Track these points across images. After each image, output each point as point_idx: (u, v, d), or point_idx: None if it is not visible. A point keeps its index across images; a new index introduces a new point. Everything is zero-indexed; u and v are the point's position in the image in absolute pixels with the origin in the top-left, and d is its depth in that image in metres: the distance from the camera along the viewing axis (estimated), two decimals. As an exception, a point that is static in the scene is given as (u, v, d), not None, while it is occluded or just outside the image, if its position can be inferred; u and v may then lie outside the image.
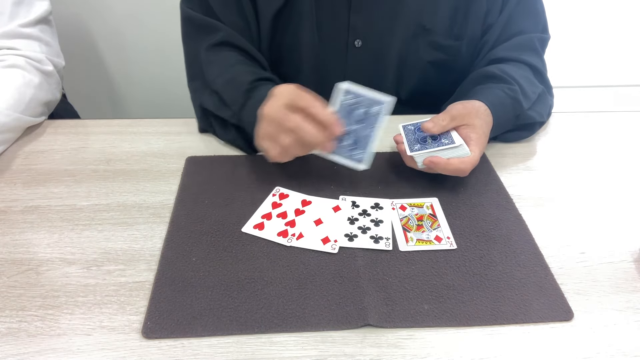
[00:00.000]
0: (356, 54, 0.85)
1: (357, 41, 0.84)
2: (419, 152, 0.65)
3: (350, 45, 0.84)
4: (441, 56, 0.85)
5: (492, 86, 0.75)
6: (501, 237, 0.60)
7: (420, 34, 0.83)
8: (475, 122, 0.67)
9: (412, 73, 0.87)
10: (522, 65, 0.79)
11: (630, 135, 0.81)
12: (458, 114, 0.66)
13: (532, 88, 0.77)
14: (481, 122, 0.67)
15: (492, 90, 0.74)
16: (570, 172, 0.72)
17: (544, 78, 0.82)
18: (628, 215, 0.65)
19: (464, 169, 0.64)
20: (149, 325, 0.49)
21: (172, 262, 0.56)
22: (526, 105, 0.74)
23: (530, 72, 0.79)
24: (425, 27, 0.82)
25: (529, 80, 0.78)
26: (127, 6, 1.36)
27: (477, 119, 0.67)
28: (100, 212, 0.63)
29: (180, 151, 0.75)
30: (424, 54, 0.84)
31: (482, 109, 0.69)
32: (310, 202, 0.64)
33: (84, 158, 0.73)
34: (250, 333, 0.49)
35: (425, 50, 0.84)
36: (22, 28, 0.81)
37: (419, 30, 0.82)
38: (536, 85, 0.79)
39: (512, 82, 0.74)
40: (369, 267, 0.56)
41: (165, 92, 1.43)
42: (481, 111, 0.68)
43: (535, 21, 0.84)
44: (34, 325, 0.49)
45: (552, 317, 0.51)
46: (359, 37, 0.83)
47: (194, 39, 0.82)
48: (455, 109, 0.67)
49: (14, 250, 0.58)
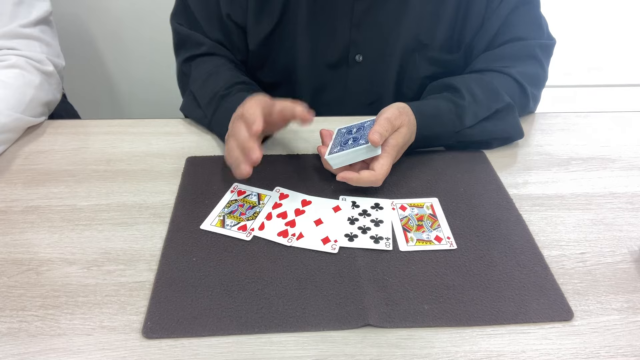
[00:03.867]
0: (357, 69, 0.85)
1: (358, 56, 0.84)
2: (333, 154, 0.64)
3: (351, 61, 0.84)
4: (438, 70, 0.85)
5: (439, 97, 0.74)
6: (501, 237, 0.60)
7: (417, 49, 0.83)
8: (403, 130, 0.66)
9: (410, 87, 0.87)
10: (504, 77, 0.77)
11: (630, 135, 0.81)
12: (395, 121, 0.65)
13: (491, 103, 0.73)
14: (406, 130, 0.66)
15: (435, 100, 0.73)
16: (570, 172, 0.72)
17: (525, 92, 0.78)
18: (628, 215, 0.65)
19: (375, 181, 0.63)
20: (149, 325, 0.49)
21: (172, 262, 0.56)
22: (469, 123, 0.72)
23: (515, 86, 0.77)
24: (422, 42, 0.82)
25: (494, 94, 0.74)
26: (127, 6, 1.36)
27: (406, 127, 0.66)
28: (100, 212, 0.63)
29: (180, 151, 0.75)
30: (421, 69, 0.85)
31: (411, 116, 0.68)
32: (310, 202, 0.64)
33: (84, 158, 0.73)
34: (250, 333, 0.49)
35: (422, 65, 0.84)
36: (22, 28, 0.81)
37: (416, 45, 0.83)
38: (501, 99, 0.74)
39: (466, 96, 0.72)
40: (369, 267, 0.56)
41: (165, 92, 1.43)
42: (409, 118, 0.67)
43: (537, 27, 0.81)
44: (34, 325, 0.49)
45: (552, 317, 0.51)
46: (360, 52, 0.83)
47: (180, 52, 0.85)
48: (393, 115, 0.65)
49: (14, 250, 0.58)
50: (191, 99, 0.81)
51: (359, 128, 0.67)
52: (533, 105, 0.82)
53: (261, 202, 0.64)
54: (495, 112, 0.73)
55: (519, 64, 0.78)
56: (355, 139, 0.65)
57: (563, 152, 0.77)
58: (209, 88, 0.77)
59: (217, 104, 0.75)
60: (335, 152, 0.64)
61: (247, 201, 0.64)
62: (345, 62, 0.85)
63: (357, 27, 0.81)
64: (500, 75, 0.77)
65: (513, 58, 0.79)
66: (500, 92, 0.74)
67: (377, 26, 0.81)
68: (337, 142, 0.67)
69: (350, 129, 0.68)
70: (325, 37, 0.82)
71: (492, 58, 0.80)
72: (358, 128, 0.67)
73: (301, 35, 0.82)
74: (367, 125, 0.67)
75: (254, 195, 0.65)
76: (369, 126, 0.65)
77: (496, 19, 0.80)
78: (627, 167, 0.74)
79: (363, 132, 0.65)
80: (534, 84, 0.80)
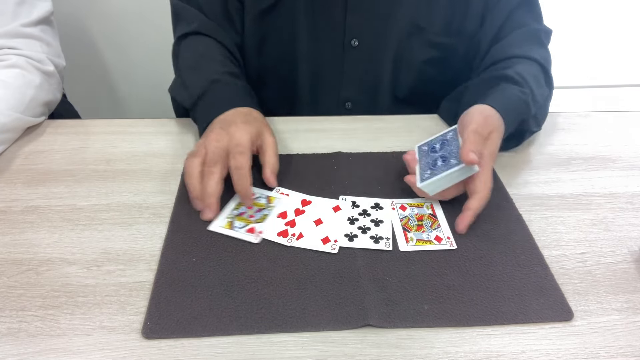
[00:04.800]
0: (353, 53, 0.85)
1: (353, 41, 0.84)
2: (426, 181, 0.60)
3: (347, 45, 0.84)
4: (436, 54, 0.84)
5: (505, 87, 0.71)
6: (501, 237, 0.60)
7: (414, 33, 0.83)
8: (493, 136, 0.62)
9: (408, 72, 0.87)
10: (532, 64, 0.76)
11: (630, 135, 0.81)
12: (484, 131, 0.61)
13: (541, 91, 0.74)
14: (497, 135, 0.63)
15: (505, 92, 0.69)
16: (570, 172, 0.72)
17: (550, 78, 0.78)
18: (628, 215, 0.65)
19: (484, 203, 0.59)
20: (149, 326, 0.49)
21: (172, 262, 0.56)
22: (534, 110, 0.71)
23: (540, 71, 0.76)
24: (419, 26, 0.82)
25: (538, 82, 0.74)
26: (127, 6, 1.36)
27: (496, 132, 0.63)
28: (100, 212, 0.63)
29: (180, 151, 0.75)
30: (419, 53, 0.84)
31: (496, 118, 0.65)
32: (310, 202, 0.64)
33: (84, 158, 0.73)
34: (250, 333, 0.49)
35: (420, 49, 0.84)
36: (23, 28, 0.81)
37: (413, 29, 0.82)
38: (544, 88, 0.75)
39: (525, 84, 0.71)
40: (369, 267, 0.55)
41: (165, 92, 1.43)
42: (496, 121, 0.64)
43: (536, 15, 0.82)
44: (34, 325, 0.49)
45: (552, 317, 0.51)
46: (356, 37, 0.83)
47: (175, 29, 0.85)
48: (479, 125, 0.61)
49: (14, 250, 0.58)
50: (178, 80, 0.80)
51: (442, 142, 0.63)
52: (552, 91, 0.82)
53: (270, 204, 0.64)
54: (544, 100, 0.74)
55: (535, 48, 0.78)
56: (444, 159, 0.60)
57: (563, 152, 0.77)
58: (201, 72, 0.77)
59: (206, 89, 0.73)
60: (426, 177, 0.60)
61: (255, 203, 0.64)
62: (341, 47, 0.84)
63: (352, 12, 0.81)
64: (527, 61, 0.76)
65: (529, 42, 0.79)
66: (540, 79, 0.75)
67: (372, 10, 0.81)
68: (424, 165, 0.62)
69: (432, 145, 0.64)
70: (322, 21, 0.82)
71: (508, 45, 0.79)
72: (442, 142, 0.63)
73: (299, 16, 0.82)
74: (451, 137, 0.62)
75: (263, 197, 0.65)
76: (453, 138, 0.61)
77: (498, 13, 0.80)
78: (627, 167, 0.74)
79: (450, 149, 0.61)
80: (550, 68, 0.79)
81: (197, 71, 0.77)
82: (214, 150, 0.61)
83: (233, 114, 0.68)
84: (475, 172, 0.59)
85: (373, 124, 0.82)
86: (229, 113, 0.68)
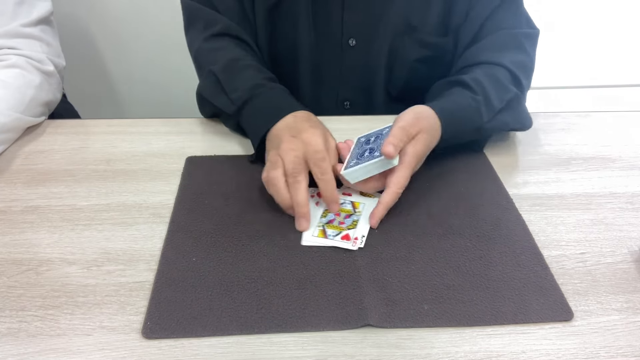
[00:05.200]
0: (351, 53, 0.85)
1: (351, 40, 0.84)
2: (348, 169, 0.61)
3: (345, 45, 0.85)
4: (428, 53, 0.85)
5: (455, 91, 0.72)
6: (501, 237, 0.60)
7: (407, 32, 0.83)
8: (421, 136, 0.63)
9: (401, 70, 0.87)
10: (499, 69, 0.75)
11: (630, 135, 0.81)
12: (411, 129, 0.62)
13: (501, 95, 0.72)
14: (426, 136, 0.64)
15: (452, 96, 0.71)
16: (570, 172, 0.72)
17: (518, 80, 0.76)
18: (628, 215, 0.65)
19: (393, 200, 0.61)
20: (149, 325, 0.49)
21: (172, 262, 0.56)
22: (486, 117, 0.70)
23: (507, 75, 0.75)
24: (412, 25, 0.82)
25: (500, 86, 0.73)
26: (128, 6, 1.36)
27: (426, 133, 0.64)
28: (100, 212, 0.63)
29: (180, 151, 0.75)
30: (411, 52, 0.85)
31: (431, 120, 0.65)
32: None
33: (84, 158, 0.73)
34: (250, 333, 0.49)
35: (412, 48, 0.84)
36: (23, 28, 0.81)
37: (406, 28, 0.83)
38: (508, 90, 0.73)
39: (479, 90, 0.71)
40: (369, 267, 0.56)
41: (165, 92, 1.43)
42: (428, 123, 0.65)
43: (519, 14, 0.82)
44: (34, 325, 0.49)
45: (552, 317, 0.51)
46: (353, 36, 0.84)
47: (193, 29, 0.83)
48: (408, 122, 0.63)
49: (14, 250, 0.58)
50: (214, 82, 0.77)
51: (377, 136, 0.64)
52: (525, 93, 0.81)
53: (357, 210, 0.63)
54: (507, 103, 0.73)
55: (508, 53, 0.78)
56: (371, 150, 0.61)
57: (563, 152, 0.77)
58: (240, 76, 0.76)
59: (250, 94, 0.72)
60: (351, 166, 0.61)
61: (342, 210, 0.63)
62: (339, 47, 0.85)
63: (349, 11, 0.81)
64: (494, 67, 0.76)
65: (501, 48, 0.78)
66: (504, 82, 0.74)
67: (367, 10, 0.82)
68: (354, 155, 0.63)
69: (369, 137, 0.65)
70: (324, 20, 0.83)
71: (480, 49, 0.79)
72: (377, 136, 0.64)
73: (301, 16, 0.82)
74: (386, 132, 0.63)
75: (348, 203, 0.64)
76: (387, 134, 0.62)
77: (481, 9, 0.80)
78: (627, 167, 0.74)
79: (379, 142, 0.62)
80: (523, 73, 0.78)
81: (235, 75, 0.76)
82: (294, 159, 0.60)
83: (294, 120, 0.66)
84: (394, 165, 0.61)
85: (373, 124, 0.81)
86: (289, 119, 0.66)
